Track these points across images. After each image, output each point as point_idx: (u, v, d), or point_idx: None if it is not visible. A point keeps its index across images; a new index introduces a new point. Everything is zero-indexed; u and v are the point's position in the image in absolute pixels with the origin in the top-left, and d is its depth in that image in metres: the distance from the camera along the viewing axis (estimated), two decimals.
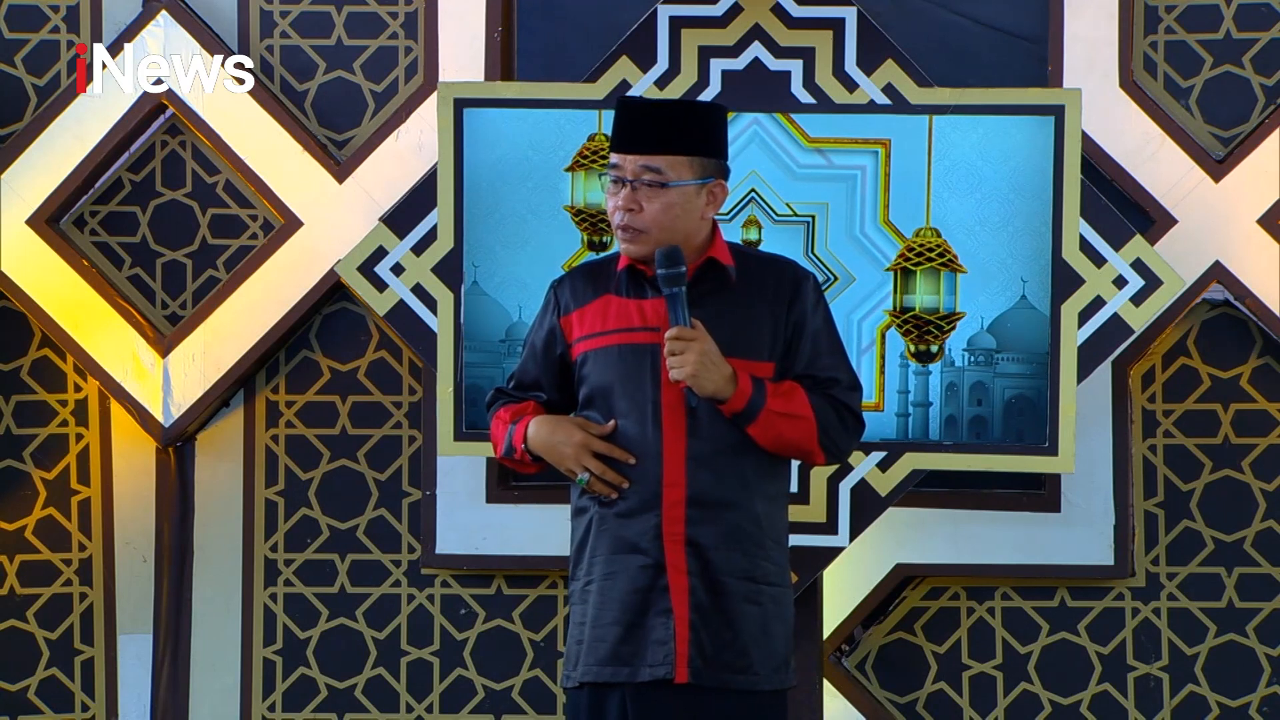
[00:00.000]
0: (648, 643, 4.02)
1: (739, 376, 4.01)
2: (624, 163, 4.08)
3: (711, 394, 4.00)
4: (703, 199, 4.10)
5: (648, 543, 4.04)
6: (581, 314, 4.16)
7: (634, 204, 4.07)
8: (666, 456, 4.05)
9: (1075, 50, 5.65)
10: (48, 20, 5.95)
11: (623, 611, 4.05)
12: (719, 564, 4.03)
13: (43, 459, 5.97)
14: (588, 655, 4.08)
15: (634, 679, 4.02)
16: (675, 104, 4.25)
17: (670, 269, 4.01)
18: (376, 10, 5.90)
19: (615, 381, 4.09)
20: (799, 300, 4.11)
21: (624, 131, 4.10)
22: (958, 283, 5.32)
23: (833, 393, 4.11)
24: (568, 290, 4.21)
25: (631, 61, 5.45)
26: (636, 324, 4.09)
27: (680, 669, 4.00)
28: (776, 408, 4.03)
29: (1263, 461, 5.73)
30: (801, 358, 4.11)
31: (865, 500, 5.42)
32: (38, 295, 5.86)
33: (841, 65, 5.41)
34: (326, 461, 5.92)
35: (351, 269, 5.60)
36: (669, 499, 4.04)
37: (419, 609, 5.91)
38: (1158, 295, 5.40)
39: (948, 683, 5.82)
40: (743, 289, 4.12)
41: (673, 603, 4.01)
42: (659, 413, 4.06)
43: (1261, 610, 5.75)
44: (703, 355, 3.97)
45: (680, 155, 4.07)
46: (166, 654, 5.92)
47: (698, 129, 4.10)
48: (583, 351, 4.14)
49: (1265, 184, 5.61)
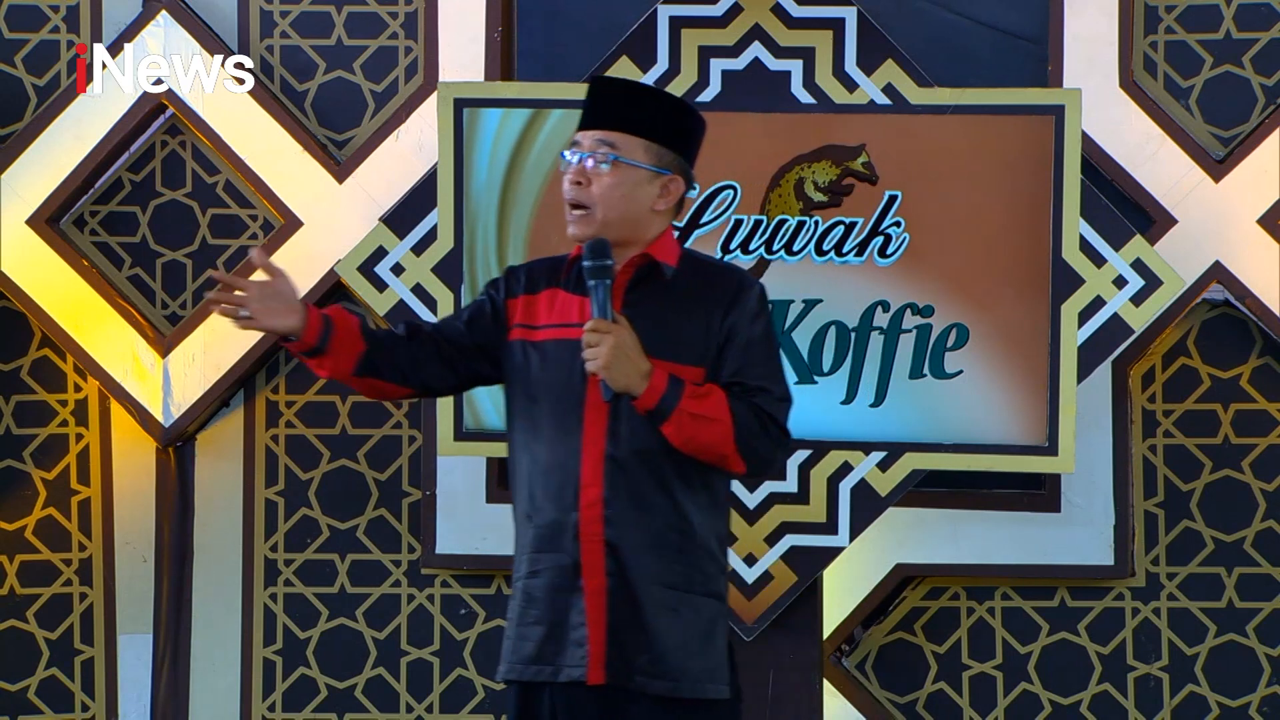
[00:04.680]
0: (567, 643, 3.97)
1: (654, 374, 3.90)
2: (583, 139, 4.01)
3: (624, 388, 3.89)
4: (655, 189, 4.00)
5: (568, 542, 3.97)
6: (530, 301, 4.07)
7: (583, 178, 3.98)
8: (585, 455, 3.96)
9: (1075, 50, 5.65)
10: (48, 20, 5.95)
11: (545, 610, 4.00)
12: (635, 568, 3.95)
13: (43, 459, 5.97)
14: (511, 654, 4.05)
15: (555, 679, 3.98)
16: (641, 86, 4.14)
17: (595, 260, 3.92)
18: (376, 10, 5.90)
19: (546, 377, 4.02)
20: (737, 307, 4.01)
21: (589, 110, 4.03)
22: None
23: (757, 400, 3.98)
24: (523, 275, 4.12)
25: (631, 61, 5.45)
26: (574, 319, 4.00)
27: (595, 671, 3.94)
28: (691, 408, 3.91)
29: (1263, 461, 5.74)
30: (731, 364, 3.99)
31: (865, 500, 5.42)
32: (38, 295, 5.87)
33: (841, 65, 5.41)
34: (326, 461, 5.93)
35: (351, 269, 5.60)
36: (586, 499, 3.96)
37: (419, 609, 5.91)
38: (1158, 295, 5.40)
39: (948, 683, 5.83)
40: (681, 291, 4.02)
41: (589, 605, 3.95)
42: (582, 410, 3.98)
43: (1261, 610, 5.75)
44: (617, 348, 3.86)
45: (636, 136, 3.98)
46: (166, 654, 5.93)
47: (662, 117, 4.02)
48: (518, 339, 4.06)
49: (1265, 184, 5.61)
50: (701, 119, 4.11)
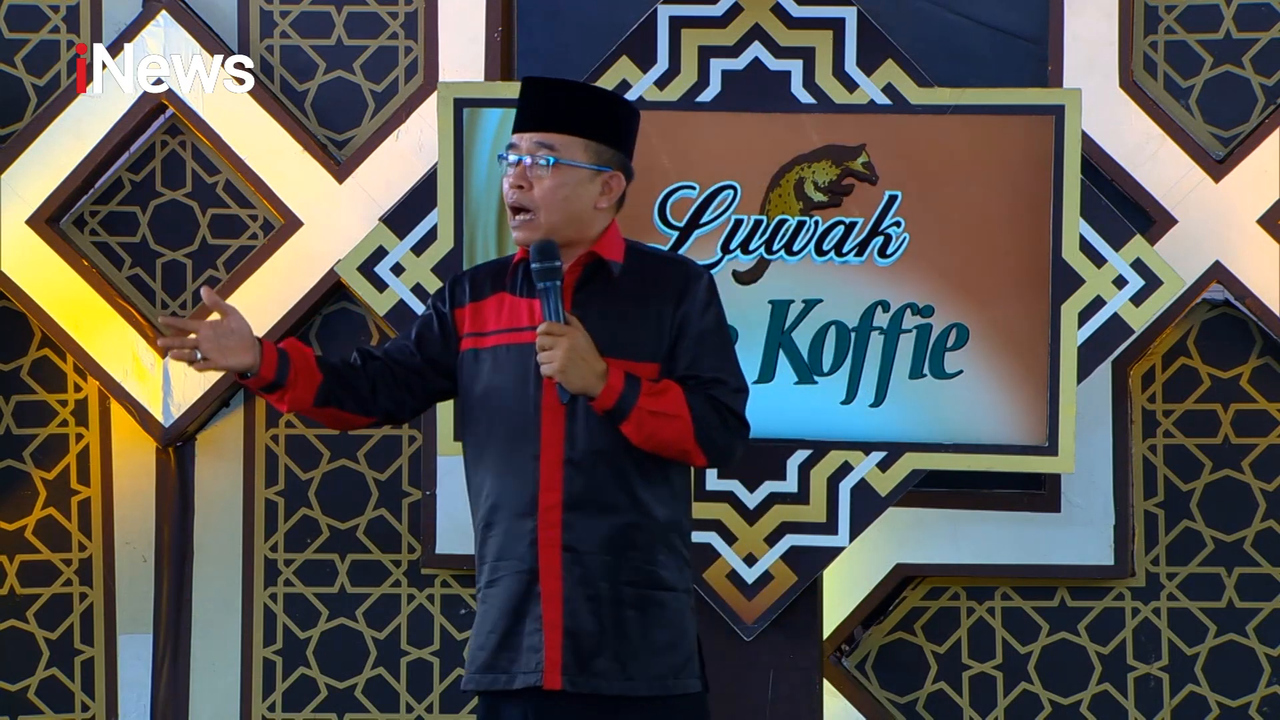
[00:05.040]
0: (522, 649, 3.96)
1: (610, 373, 3.90)
2: (521, 141, 4.00)
3: (581, 389, 3.89)
4: (596, 187, 4.01)
5: (524, 549, 3.96)
6: (477, 309, 4.07)
7: (524, 181, 3.98)
8: (543, 460, 3.96)
9: (1075, 50, 5.65)
10: (48, 20, 5.95)
11: (500, 618, 3.99)
12: (595, 569, 3.95)
13: (43, 459, 5.97)
14: (470, 664, 4.04)
15: (510, 686, 3.97)
16: (576, 85, 4.14)
17: (543, 263, 3.91)
18: (376, 10, 5.90)
19: (500, 383, 4.01)
20: (686, 299, 4.00)
21: (523, 110, 4.02)
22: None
23: (714, 393, 3.98)
24: (469, 283, 4.11)
25: (631, 61, 5.45)
26: (524, 323, 4.00)
27: (552, 675, 3.93)
28: (649, 406, 3.91)
29: (1263, 461, 5.74)
30: (684, 358, 3.99)
31: (865, 500, 5.42)
32: (38, 295, 5.87)
33: (841, 65, 5.41)
34: (326, 461, 5.93)
35: (351, 269, 5.60)
36: (544, 503, 3.95)
37: (419, 609, 5.91)
38: (1158, 295, 5.39)
39: (948, 683, 5.82)
40: (630, 287, 4.02)
41: (544, 609, 3.94)
42: (539, 414, 3.97)
43: (1261, 610, 5.75)
44: (571, 350, 3.86)
45: (575, 136, 3.98)
46: (166, 654, 5.93)
47: (597, 114, 4.02)
48: (470, 348, 4.06)
49: (1265, 184, 5.61)
50: (635, 110, 4.11)
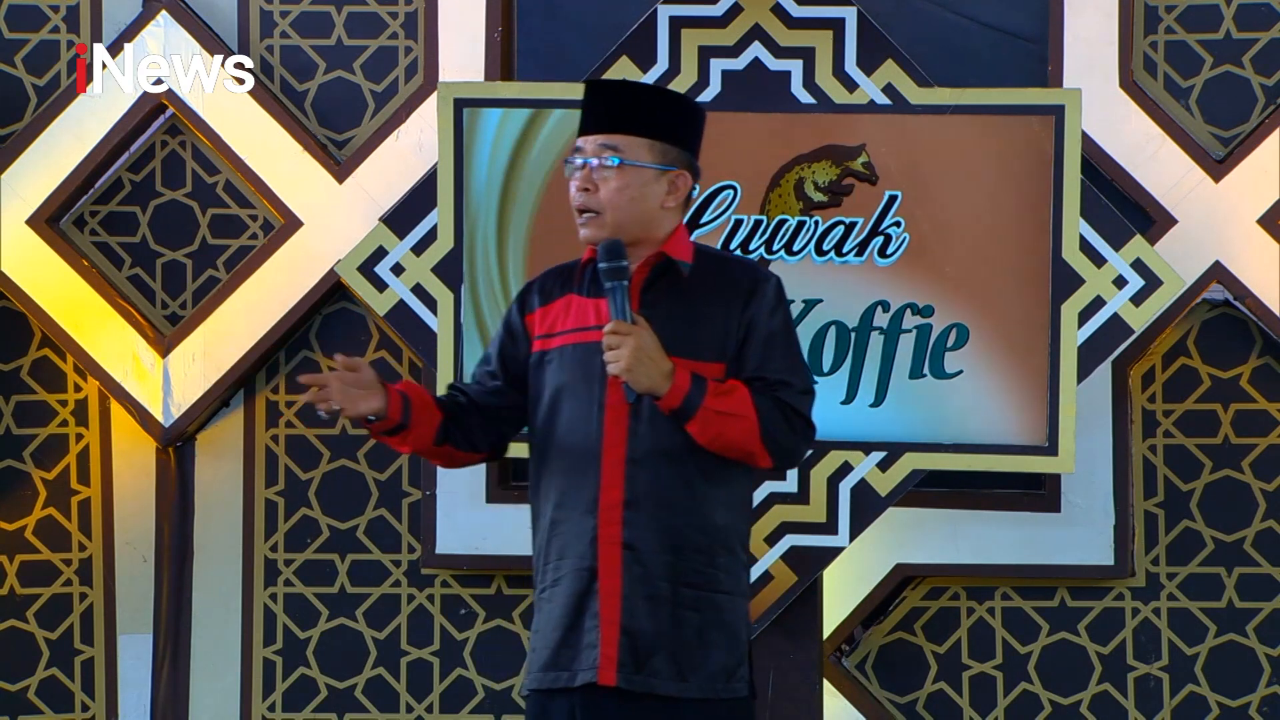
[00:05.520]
0: (582, 646, 3.95)
1: (677, 373, 3.89)
2: (586, 144, 4.01)
3: (647, 389, 3.89)
4: (662, 187, 4.00)
5: (585, 546, 3.95)
6: (546, 312, 4.07)
7: (590, 184, 3.98)
8: (605, 458, 3.96)
9: (1075, 50, 5.65)
10: (48, 20, 5.95)
11: (562, 617, 3.98)
12: (655, 568, 3.94)
13: (43, 459, 5.97)
14: (532, 663, 4.05)
15: (571, 684, 3.96)
16: (640, 86, 4.15)
17: (610, 263, 3.92)
18: (376, 10, 5.90)
19: (565, 382, 4.01)
20: (755, 301, 4.00)
21: (588, 113, 4.03)
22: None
23: (780, 394, 3.97)
24: (536, 289, 4.12)
25: (631, 61, 5.45)
26: (591, 323, 3.99)
27: (608, 672, 3.92)
28: (715, 406, 3.90)
29: (1263, 461, 5.74)
30: (752, 359, 3.99)
31: (865, 500, 5.42)
32: (38, 295, 5.87)
33: (841, 65, 5.41)
34: (326, 461, 5.93)
35: (351, 269, 5.60)
36: (606, 501, 3.95)
37: (419, 609, 5.91)
38: (1158, 295, 5.40)
39: (948, 683, 5.82)
40: (698, 287, 4.01)
41: (603, 606, 3.93)
42: (602, 413, 3.97)
43: (1261, 610, 5.75)
44: (638, 349, 3.86)
45: (640, 136, 3.98)
46: (166, 654, 5.92)
47: (662, 114, 4.01)
48: (539, 350, 4.05)
49: (1265, 184, 5.61)
50: (701, 110, 4.11)
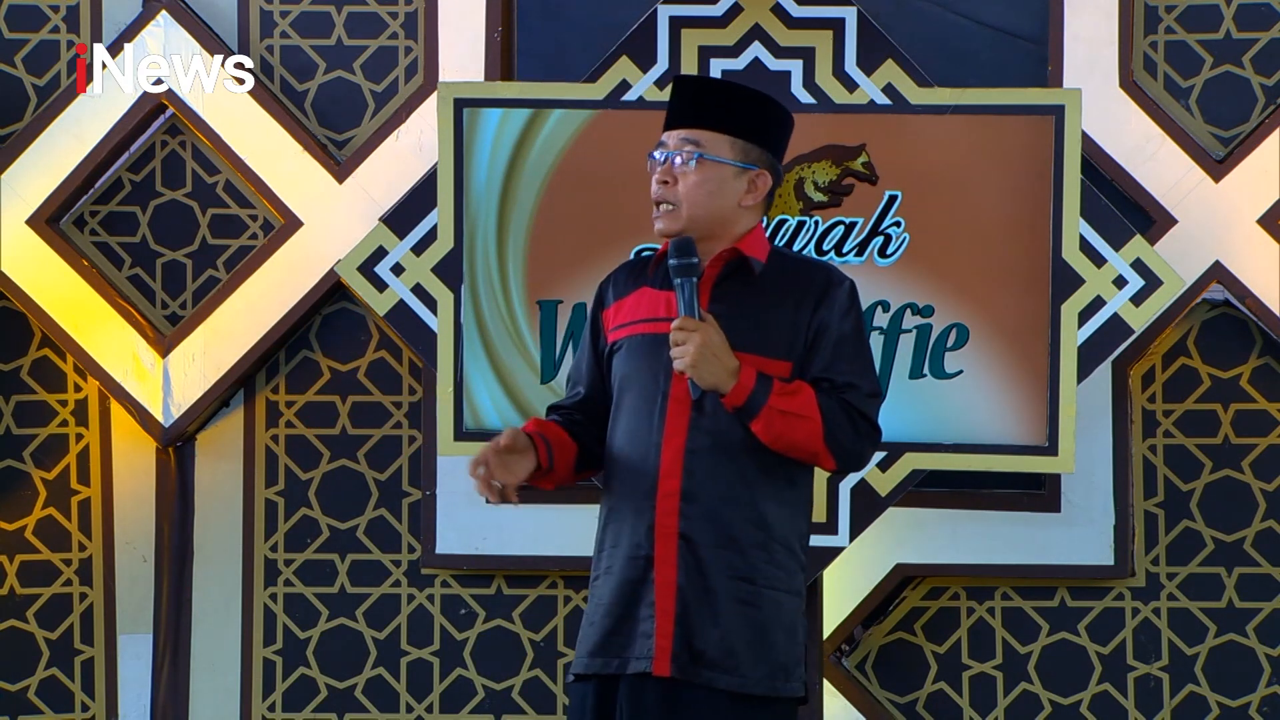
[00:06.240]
0: (635, 635, 3.97)
1: (742, 371, 3.92)
2: (668, 138, 4.04)
3: (712, 386, 3.92)
4: (742, 185, 4.02)
5: (642, 535, 3.98)
6: (620, 306, 4.11)
7: (669, 176, 4.01)
8: (665, 449, 3.98)
9: (1075, 50, 5.65)
10: (48, 20, 5.95)
11: (614, 603, 4.00)
12: (711, 561, 3.95)
13: (43, 459, 5.97)
14: (580, 647, 4.06)
15: (622, 670, 3.97)
16: (726, 84, 4.17)
17: (681, 259, 3.94)
18: (376, 10, 5.90)
19: (632, 372, 4.04)
20: (826, 303, 4.02)
21: (674, 108, 4.05)
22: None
23: (846, 396, 4.00)
24: (611, 284, 4.16)
25: (631, 61, 5.45)
26: (661, 314, 4.02)
27: (661, 663, 3.93)
28: (780, 405, 3.93)
29: (1263, 461, 5.74)
30: (820, 360, 4.01)
31: (865, 500, 5.42)
32: (38, 295, 5.87)
33: (841, 65, 5.41)
34: (326, 461, 5.93)
35: (351, 269, 5.61)
36: (663, 490, 3.97)
37: (419, 609, 5.91)
38: (1158, 295, 5.40)
39: (948, 683, 5.82)
40: (770, 286, 4.03)
41: (658, 596, 3.95)
42: (665, 404, 3.99)
43: (1261, 610, 5.75)
44: (704, 346, 3.89)
45: (722, 133, 4.01)
46: (166, 654, 5.92)
47: (745, 112, 4.03)
48: (613, 341, 4.09)
49: (1265, 184, 5.61)
50: (788, 113, 4.12)
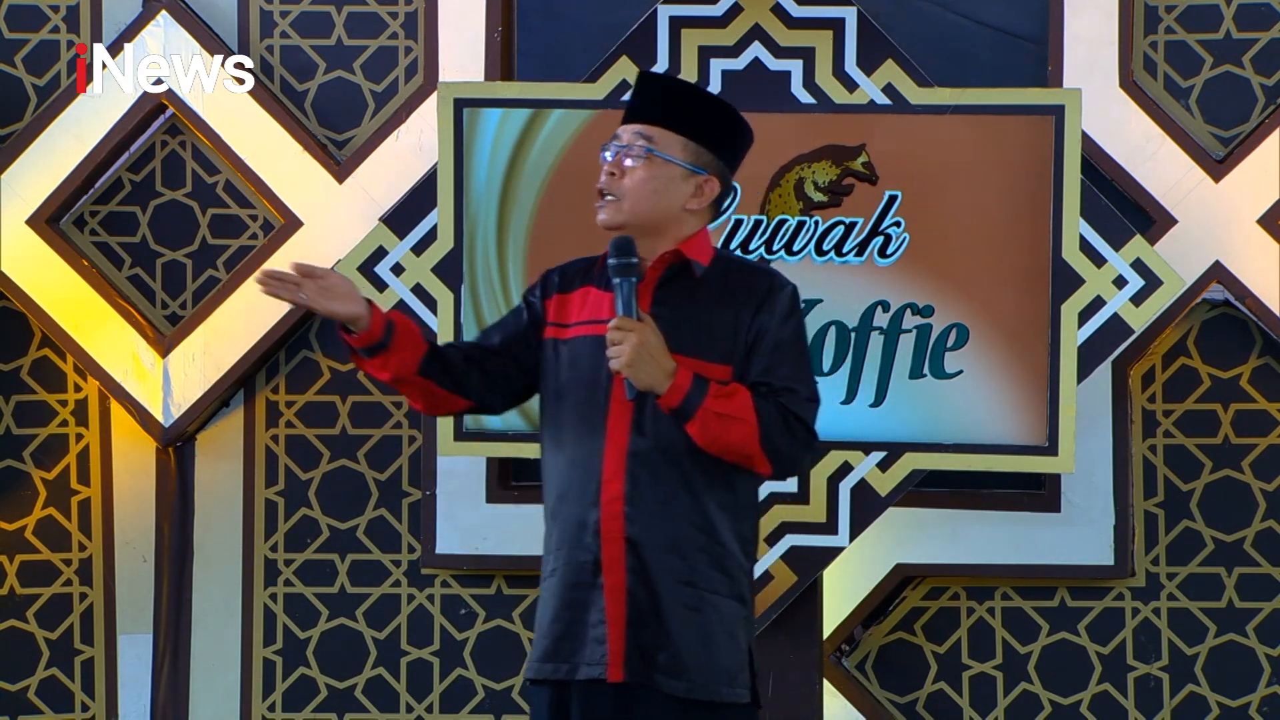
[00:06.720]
0: (586, 640, 3.95)
1: (679, 372, 3.89)
2: (623, 132, 4.02)
3: (648, 386, 3.88)
4: (689, 188, 4.00)
5: (589, 538, 3.95)
6: (563, 300, 4.07)
7: (617, 169, 3.99)
8: (608, 452, 3.95)
9: (1075, 50, 5.65)
10: (48, 20, 5.95)
11: (563, 608, 3.98)
12: (656, 565, 3.93)
13: (43, 459, 5.97)
14: (533, 651, 4.05)
15: (572, 676, 3.96)
16: (690, 86, 4.16)
17: (620, 259, 3.91)
18: (376, 10, 5.90)
19: (574, 373, 4.01)
20: (767, 307, 3.99)
21: (633, 104, 4.04)
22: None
23: (784, 400, 3.96)
24: (558, 275, 4.12)
25: (631, 61, 5.44)
26: (604, 316, 3.98)
27: (615, 668, 3.91)
28: (715, 408, 3.89)
29: (1263, 461, 5.74)
30: (759, 364, 3.98)
31: (865, 500, 5.42)
32: (38, 295, 5.87)
33: (841, 65, 5.41)
34: (326, 461, 5.93)
35: (351, 269, 5.60)
36: (607, 494, 3.94)
37: (419, 609, 5.91)
38: (1158, 295, 5.40)
39: (948, 683, 5.83)
40: (711, 289, 4.01)
41: (608, 602, 3.93)
42: (607, 406, 3.97)
43: (1261, 610, 5.75)
44: (640, 346, 3.85)
45: (676, 133, 3.99)
46: (166, 654, 5.93)
47: (704, 116, 4.02)
48: (551, 338, 4.05)
49: (1265, 184, 5.61)
50: (747, 127, 4.10)
